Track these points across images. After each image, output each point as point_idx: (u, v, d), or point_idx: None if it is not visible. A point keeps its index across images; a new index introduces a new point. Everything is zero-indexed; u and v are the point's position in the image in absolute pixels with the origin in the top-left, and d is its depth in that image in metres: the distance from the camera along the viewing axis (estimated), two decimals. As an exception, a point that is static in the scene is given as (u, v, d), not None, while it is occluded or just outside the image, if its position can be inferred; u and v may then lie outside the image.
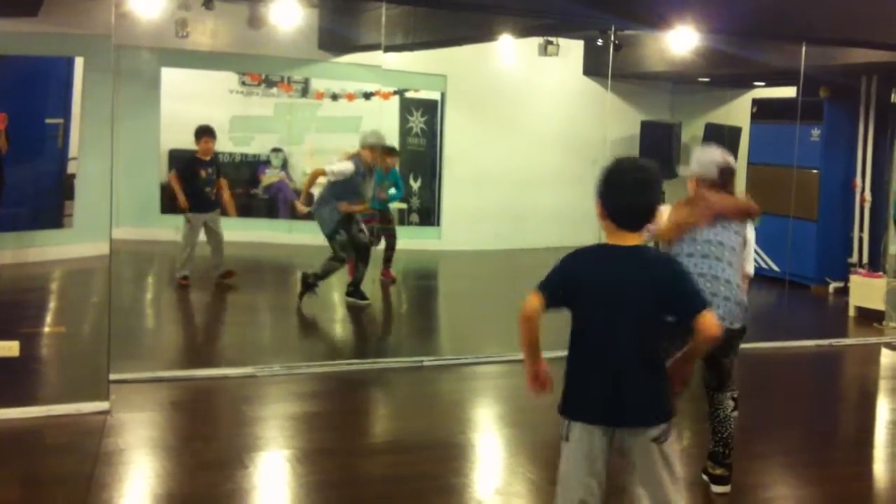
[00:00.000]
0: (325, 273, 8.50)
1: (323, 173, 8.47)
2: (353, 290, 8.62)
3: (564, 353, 3.14)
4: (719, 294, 4.32)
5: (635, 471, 3.08)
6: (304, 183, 8.93)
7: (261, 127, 12.04)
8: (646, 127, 12.81)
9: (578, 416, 3.06)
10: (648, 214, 3.08)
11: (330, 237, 8.42)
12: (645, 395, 3.03)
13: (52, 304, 8.95)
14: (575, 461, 3.07)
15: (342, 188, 8.37)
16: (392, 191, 9.79)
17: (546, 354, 3.17)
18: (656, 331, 3.03)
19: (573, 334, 3.07)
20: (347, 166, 8.35)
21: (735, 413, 4.65)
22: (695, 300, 3.03)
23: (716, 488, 4.59)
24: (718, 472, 4.59)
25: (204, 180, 9.14)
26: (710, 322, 3.00)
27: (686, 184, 4.70)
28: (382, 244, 9.67)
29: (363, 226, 8.62)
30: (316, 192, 8.72)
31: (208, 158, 9.25)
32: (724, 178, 4.58)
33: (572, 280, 3.05)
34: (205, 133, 9.25)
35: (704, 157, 4.64)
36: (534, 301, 3.04)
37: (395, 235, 9.83)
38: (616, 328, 2.99)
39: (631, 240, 3.05)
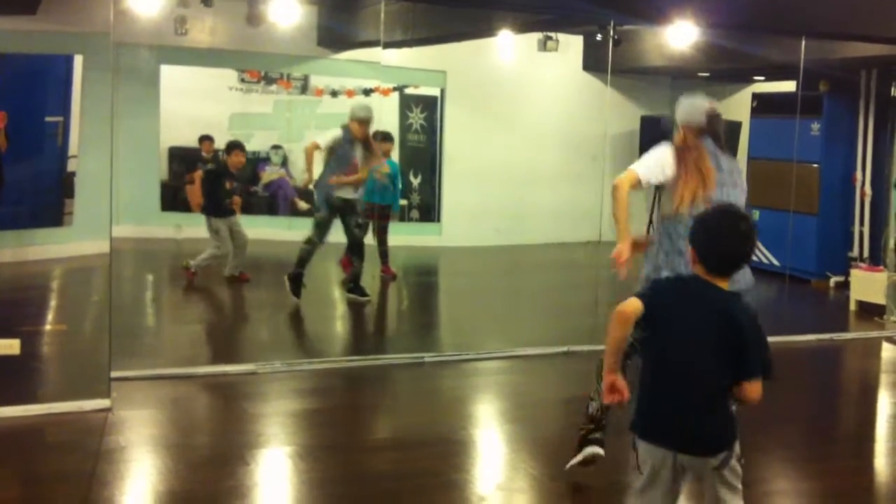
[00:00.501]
0: (302, 261, 8.46)
1: (316, 146, 8.51)
2: (353, 286, 8.62)
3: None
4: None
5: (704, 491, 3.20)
6: (305, 163, 8.90)
7: (260, 124, 12.03)
8: (646, 122, 12.79)
9: (647, 438, 3.14)
10: (741, 265, 3.17)
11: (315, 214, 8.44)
12: (706, 427, 3.10)
13: (52, 302, 8.96)
14: (647, 481, 3.16)
15: (335, 163, 8.38)
16: (386, 168, 9.64)
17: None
18: (724, 371, 3.06)
19: (647, 354, 3.15)
20: (335, 132, 8.42)
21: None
22: (753, 365, 3.07)
23: None
24: None
25: (228, 192, 9.27)
26: (754, 391, 3.08)
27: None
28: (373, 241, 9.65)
29: (360, 220, 8.58)
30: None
31: (236, 171, 9.38)
32: (712, 124, 4.52)
33: (662, 302, 3.12)
34: (235, 147, 9.42)
35: (690, 105, 4.58)
36: (636, 303, 3.08)
37: (386, 230, 9.75)
38: (689, 359, 3.06)
39: (720, 283, 3.11)
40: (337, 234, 8.61)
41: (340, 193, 8.38)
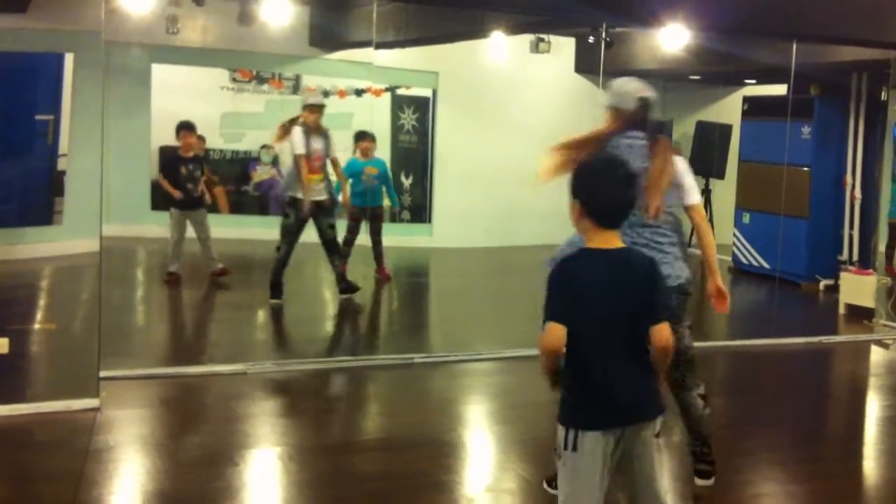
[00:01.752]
0: (276, 269, 8.33)
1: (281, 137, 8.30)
2: (345, 286, 8.58)
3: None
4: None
5: (633, 469, 3.07)
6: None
7: (252, 124, 12.01)
8: (637, 124, 12.81)
9: (596, 425, 3.01)
10: (629, 210, 3.12)
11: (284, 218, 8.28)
12: (647, 392, 3.07)
13: (41, 301, 8.93)
14: (588, 475, 3.01)
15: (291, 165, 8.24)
16: (372, 169, 9.50)
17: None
18: (644, 330, 3.04)
19: (571, 343, 3.02)
20: (296, 135, 8.11)
21: (707, 410, 4.60)
22: (660, 308, 3.06)
23: (699, 482, 4.61)
24: (702, 467, 4.61)
25: (185, 177, 9.03)
26: (664, 334, 3.02)
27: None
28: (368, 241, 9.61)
29: (333, 221, 8.38)
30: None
31: (190, 155, 9.15)
32: (643, 112, 4.31)
33: (572, 294, 3.03)
34: (183, 128, 9.15)
35: (622, 88, 4.36)
36: (558, 331, 2.99)
37: (379, 231, 9.62)
38: (614, 331, 3.02)
39: (613, 239, 3.06)
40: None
41: (309, 196, 8.14)
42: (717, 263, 4.51)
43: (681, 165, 4.36)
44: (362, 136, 9.51)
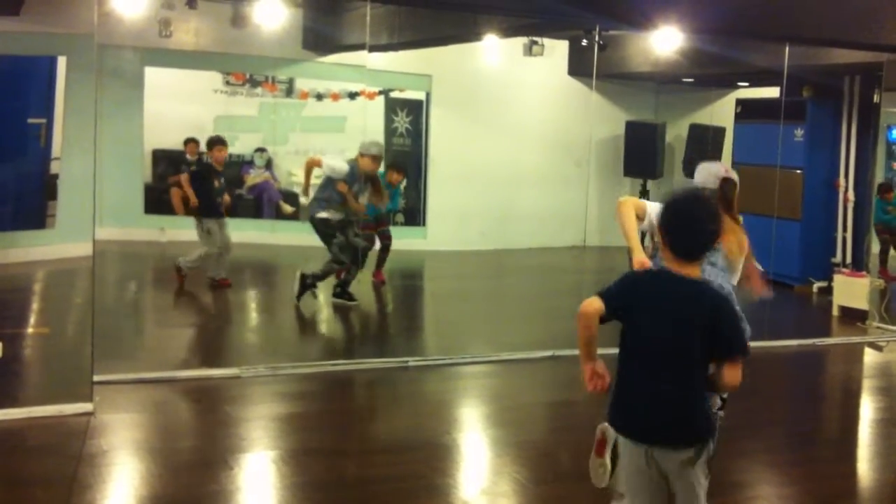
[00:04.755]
0: (324, 275, 8.50)
1: (318, 164, 8.52)
2: (341, 290, 8.59)
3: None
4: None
5: (675, 494, 3.14)
6: (303, 175, 8.89)
7: (245, 127, 12.00)
8: (630, 127, 12.84)
9: (621, 431, 3.15)
10: (708, 246, 3.16)
11: (326, 240, 8.41)
12: (677, 416, 3.07)
13: (35, 305, 8.90)
14: (627, 475, 3.17)
15: (331, 191, 8.37)
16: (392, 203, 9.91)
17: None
18: (698, 361, 3.05)
19: (623, 350, 3.13)
20: (343, 166, 8.36)
21: (721, 412, 4.62)
22: (732, 345, 3.06)
23: None
24: None
25: (217, 190, 9.22)
26: (733, 374, 3.05)
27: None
28: (377, 245, 9.67)
29: (358, 229, 8.59)
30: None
31: (221, 169, 9.32)
32: (726, 189, 4.74)
33: (631, 297, 3.11)
34: (217, 143, 9.34)
35: (706, 170, 4.79)
36: (595, 301, 3.08)
37: (391, 237, 9.82)
38: (661, 350, 3.04)
39: (689, 269, 3.10)
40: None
41: (334, 216, 8.38)
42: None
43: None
44: (398, 170, 9.94)
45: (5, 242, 9.94)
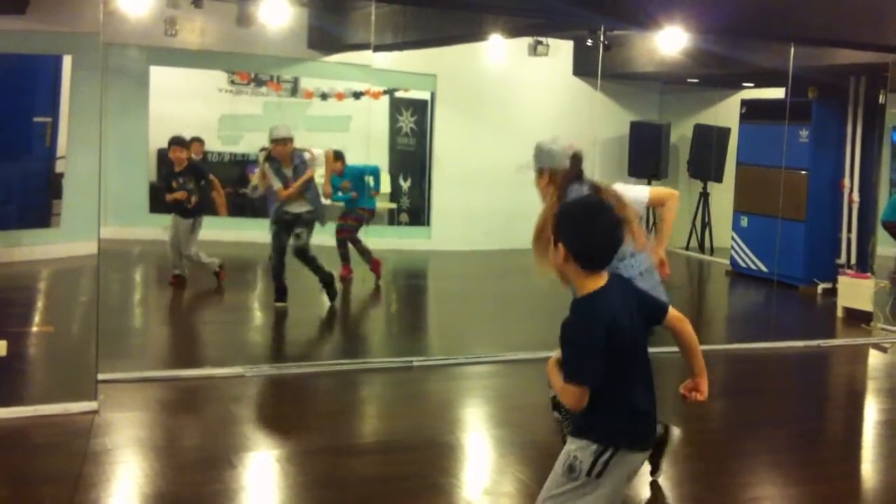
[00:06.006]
0: (318, 269, 8.47)
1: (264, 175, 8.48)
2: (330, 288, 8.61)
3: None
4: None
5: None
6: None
7: (250, 126, 12.02)
8: (635, 127, 12.83)
9: (631, 447, 2.96)
10: (615, 252, 2.97)
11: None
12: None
13: (39, 304, 8.92)
14: (615, 489, 2.98)
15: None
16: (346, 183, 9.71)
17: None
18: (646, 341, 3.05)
19: (610, 375, 2.86)
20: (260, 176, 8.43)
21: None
22: (661, 303, 3.09)
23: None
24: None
25: (177, 188, 9.02)
26: (675, 312, 3.06)
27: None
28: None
29: (300, 230, 8.34)
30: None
31: (179, 169, 9.08)
32: (577, 165, 4.61)
33: (609, 336, 2.86)
34: (173, 143, 9.12)
35: (549, 148, 4.72)
36: (583, 397, 2.83)
37: (354, 231, 9.68)
38: (639, 357, 2.99)
39: (602, 278, 2.93)
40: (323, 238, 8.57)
41: (289, 209, 8.35)
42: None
43: (620, 189, 4.57)
44: (336, 157, 9.55)
45: (10, 241, 9.95)
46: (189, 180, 9.08)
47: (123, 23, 9.07)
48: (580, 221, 2.94)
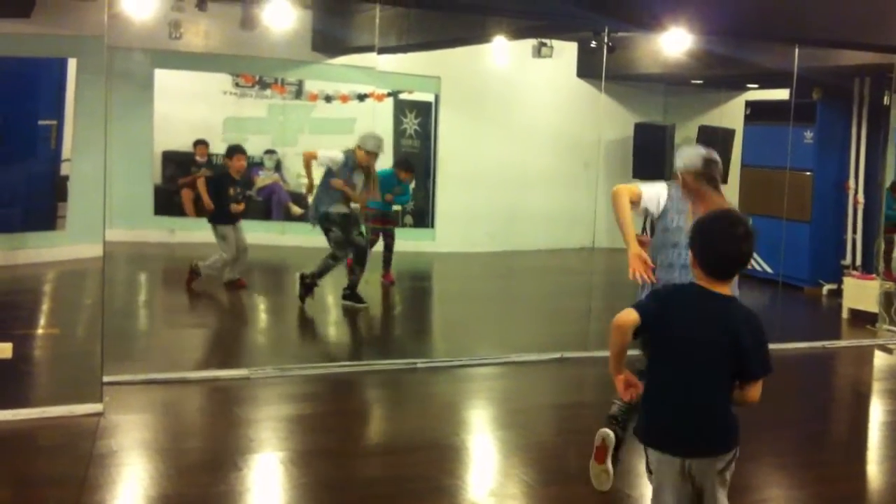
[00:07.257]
0: (322, 272, 8.49)
1: (315, 157, 8.59)
2: (350, 293, 8.60)
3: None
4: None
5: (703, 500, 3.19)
6: (305, 172, 8.95)
7: (254, 128, 12.04)
8: (639, 129, 12.83)
9: (655, 445, 3.17)
10: (739, 267, 3.18)
11: (326, 235, 8.44)
12: (712, 427, 3.13)
13: (45, 306, 8.94)
14: (660, 493, 3.18)
15: (328, 186, 8.43)
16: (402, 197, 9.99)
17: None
18: (725, 374, 3.10)
19: (652, 364, 3.19)
20: (337, 154, 8.44)
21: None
22: (754, 367, 3.11)
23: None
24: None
25: (232, 197, 9.21)
26: (754, 393, 3.14)
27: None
28: (380, 246, 9.68)
29: (363, 228, 8.60)
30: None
31: (239, 177, 9.34)
32: (710, 169, 4.64)
33: (664, 310, 3.14)
34: (237, 151, 9.38)
35: (687, 152, 4.77)
36: (631, 313, 3.11)
37: (394, 236, 9.83)
38: (692, 364, 3.08)
39: (720, 288, 3.13)
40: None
41: (336, 209, 8.40)
42: None
43: (644, 187, 4.81)
44: (407, 169, 9.91)
45: (16, 244, 9.97)
46: (243, 188, 9.37)
47: (128, 26, 9.07)
48: (706, 232, 3.17)
